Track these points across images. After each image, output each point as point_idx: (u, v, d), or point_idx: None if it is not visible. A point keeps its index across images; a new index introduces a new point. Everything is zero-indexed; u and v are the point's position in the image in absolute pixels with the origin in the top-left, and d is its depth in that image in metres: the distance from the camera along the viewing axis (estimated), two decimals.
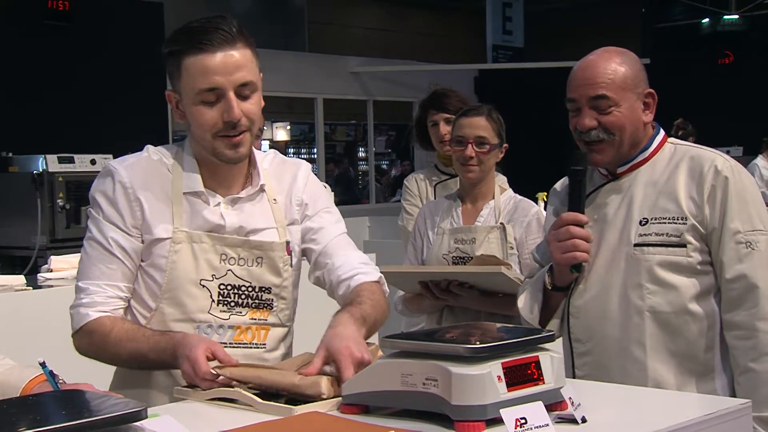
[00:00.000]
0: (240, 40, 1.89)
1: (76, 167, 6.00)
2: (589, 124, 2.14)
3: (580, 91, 2.15)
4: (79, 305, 1.95)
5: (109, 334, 1.89)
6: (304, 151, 15.29)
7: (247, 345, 1.97)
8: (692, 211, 2.10)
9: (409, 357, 1.50)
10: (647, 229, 2.13)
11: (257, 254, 1.97)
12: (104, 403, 1.49)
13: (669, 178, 2.15)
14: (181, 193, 1.96)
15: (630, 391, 1.85)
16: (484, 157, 2.97)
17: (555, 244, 2.16)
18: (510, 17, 14.33)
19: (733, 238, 2.08)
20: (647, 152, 2.21)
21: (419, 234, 3.12)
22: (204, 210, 1.96)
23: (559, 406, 1.51)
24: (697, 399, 1.86)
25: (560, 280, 2.20)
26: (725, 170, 2.11)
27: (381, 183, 14.65)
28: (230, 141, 1.91)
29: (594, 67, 2.15)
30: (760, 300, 2.06)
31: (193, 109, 1.90)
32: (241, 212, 1.99)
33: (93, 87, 8.25)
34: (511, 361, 1.46)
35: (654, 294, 2.10)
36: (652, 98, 2.20)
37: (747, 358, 2.06)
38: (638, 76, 2.17)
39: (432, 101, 3.68)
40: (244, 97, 1.90)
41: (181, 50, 1.88)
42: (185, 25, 1.92)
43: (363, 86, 13.25)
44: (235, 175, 2.00)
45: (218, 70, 1.86)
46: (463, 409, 1.41)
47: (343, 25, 13.90)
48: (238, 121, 1.89)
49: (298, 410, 1.59)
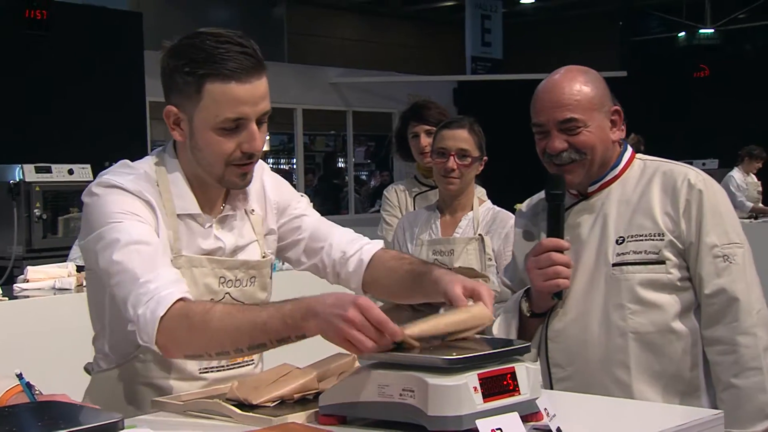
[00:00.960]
0: (263, 67, 1.80)
1: (53, 177, 5.96)
2: (560, 147, 2.10)
3: (547, 115, 2.11)
4: (155, 293, 1.66)
5: (212, 309, 1.64)
6: (283, 161, 15.28)
7: (241, 364, 1.93)
8: (668, 226, 2.08)
9: (385, 368, 1.51)
10: (624, 248, 2.09)
11: (252, 274, 1.92)
12: (80, 415, 1.48)
13: (642, 195, 2.13)
14: (176, 215, 1.85)
15: (604, 402, 1.86)
16: (465, 170, 2.99)
17: (536, 271, 2.10)
18: (489, 29, 14.41)
19: (710, 252, 2.06)
20: (617, 170, 2.18)
21: (398, 245, 3.13)
22: (200, 232, 1.87)
23: (534, 417, 1.52)
24: (670, 409, 1.87)
25: (539, 306, 2.16)
26: (698, 184, 2.09)
27: (360, 194, 14.66)
28: (242, 170, 1.83)
29: (559, 89, 2.11)
30: (740, 314, 2.04)
31: (209, 135, 1.79)
32: (231, 231, 1.92)
33: (71, 96, 8.21)
34: (487, 372, 1.47)
35: (636, 314, 2.07)
36: (619, 115, 2.17)
37: (729, 374, 2.03)
38: (603, 94, 2.14)
39: (413, 113, 3.70)
40: (260, 125, 1.81)
41: (204, 74, 1.75)
42: (197, 39, 1.78)
43: (342, 97, 13.27)
44: (219, 194, 1.92)
45: (246, 100, 1.76)
46: (440, 420, 1.42)
47: (323, 36, 13.93)
48: (257, 152, 1.82)
49: (276, 420, 1.60)
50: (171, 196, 1.85)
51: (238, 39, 1.78)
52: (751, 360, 2.03)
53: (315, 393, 1.71)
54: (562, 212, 2.13)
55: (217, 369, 1.90)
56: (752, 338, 2.03)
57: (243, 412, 1.65)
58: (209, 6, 12.66)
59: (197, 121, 1.79)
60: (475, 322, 1.64)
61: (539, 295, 2.13)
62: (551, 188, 2.12)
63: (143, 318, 1.67)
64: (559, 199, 2.12)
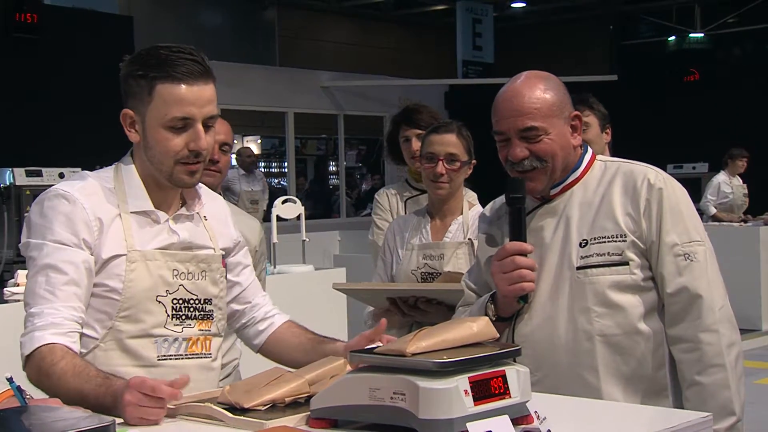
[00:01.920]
0: (210, 75, 2.00)
1: (43, 180, 5.93)
2: (521, 155, 2.10)
3: (507, 124, 2.12)
4: (32, 330, 1.90)
5: (57, 364, 1.84)
6: (274, 164, 15.28)
7: (198, 355, 2.05)
8: (630, 227, 2.08)
9: (376, 371, 1.52)
10: (588, 251, 2.09)
11: (202, 267, 2.06)
12: (72, 419, 1.49)
13: (604, 197, 2.13)
14: (129, 213, 2.01)
15: (595, 404, 1.87)
16: (454, 174, 3.00)
17: (500, 275, 2.10)
18: (480, 33, 14.44)
19: (671, 251, 2.07)
20: (578, 172, 2.18)
21: (389, 250, 3.14)
22: (153, 228, 2.03)
23: (525, 420, 1.53)
24: (660, 413, 1.87)
25: (505, 310, 2.16)
26: (658, 183, 2.10)
27: (351, 197, 14.66)
28: (189, 168, 2.00)
29: (519, 97, 2.11)
30: (702, 311, 2.04)
31: (159, 133, 1.98)
32: (186, 228, 2.08)
33: (61, 100, 8.20)
34: (477, 375, 1.47)
35: (602, 317, 2.07)
36: (579, 120, 2.17)
37: (693, 371, 2.04)
38: (563, 100, 2.14)
39: (404, 116, 3.70)
40: (207, 128, 2.00)
41: (155, 76, 1.95)
42: (152, 49, 2.00)
43: (333, 100, 13.28)
44: (174, 196, 2.08)
45: (192, 101, 1.96)
46: (430, 423, 1.43)
47: (314, 40, 13.93)
48: (202, 150, 1.99)
49: (268, 424, 1.60)
50: (126, 197, 2.02)
51: (189, 49, 1.99)
52: (714, 357, 2.04)
53: (306, 396, 1.71)
54: (524, 216, 2.13)
55: (175, 357, 2.01)
56: (715, 335, 2.04)
57: (234, 416, 1.65)
58: (200, 9, 12.64)
59: (149, 120, 1.99)
60: (480, 339, 1.62)
61: (505, 299, 2.13)
62: (512, 191, 2.12)
63: (21, 345, 1.91)
64: (520, 203, 2.12)
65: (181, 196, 2.10)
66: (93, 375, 1.82)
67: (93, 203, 1.98)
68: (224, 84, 11.90)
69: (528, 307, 2.14)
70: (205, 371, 2.05)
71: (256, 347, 2.25)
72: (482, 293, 2.26)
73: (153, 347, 1.98)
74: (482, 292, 2.27)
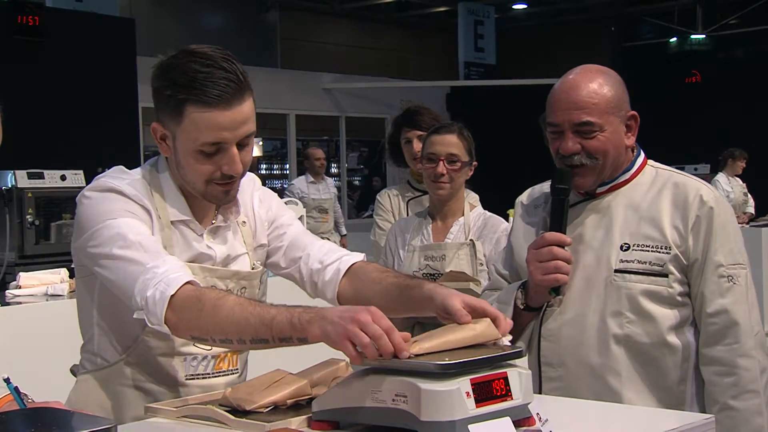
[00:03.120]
0: (246, 89, 1.79)
1: (45, 183, 5.95)
2: (572, 149, 2.07)
3: (563, 116, 2.07)
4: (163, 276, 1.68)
5: (225, 297, 1.66)
6: (276, 167, 15.27)
7: (226, 372, 1.95)
8: (676, 240, 2.06)
9: (378, 373, 1.51)
10: (629, 255, 2.07)
11: (243, 284, 1.94)
12: (73, 421, 1.48)
13: (652, 204, 2.10)
14: (169, 222, 1.87)
15: (595, 406, 1.87)
16: (455, 175, 3.00)
17: (536, 264, 2.07)
18: (482, 34, 14.44)
19: (716, 271, 2.05)
20: (628, 174, 2.15)
21: (390, 251, 3.14)
22: (193, 240, 1.90)
23: (526, 422, 1.53)
24: (661, 414, 1.87)
25: (535, 300, 2.14)
26: (710, 201, 2.07)
27: (353, 199, 14.66)
28: (224, 188, 1.85)
29: (577, 90, 2.07)
30: (741, 336, 2.03)
31: (190, 156, 1.81)
32: (224, 242, 1.95)
33: (63, 102, 8.20)
34: (479, 377, 1.47)
35: (633, 323, 2.06)
36: (635, 120, 2.14)
37: (727, 395, 2.02)
38: (621, 98, 2.11)
39: (405, 118, 3.70)
40: (243, 146, 1.83)
41: (186, 99, 1.76)
42: (182, 61, 1.78)
43: (335, 102, 13.28)
44: (211, 206, 1.94)
45: (226, 126, 1.77)
46: (432, 425, 1.42)
47: (316, 42, 13.94)
48: (237, 174, 1.84)
49: (270, 426, 1.60)
50: (165, 204, 1.87)
51: (222, 62, 1.77)
52: (750, 383, 2.03)
53: (308, 399, 1.71)
54: (566, 207, 2.11)
55: (202, 376, 1.91)
56: (752, 361, 2.03)
57: (236, 418, 1.65)
58: (202, 12, 12.66)
59: (179, 141, 1.82)
60: (482, 341, 1.60)
61: (537, 288, 2.11)
62: (558, 182, 2.10)
63: (152, 299, 1.68)
64: (564, 194, 2.10)
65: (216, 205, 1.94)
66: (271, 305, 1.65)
67: (143, 200, 1.84)
68: None
69: (558, 302, 2.12)
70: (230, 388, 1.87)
71: (334, 300, 1.97)
72: (512, 280, 2.24)
73: (182, 365, 1.88)
74: (513, 278, 2.25)
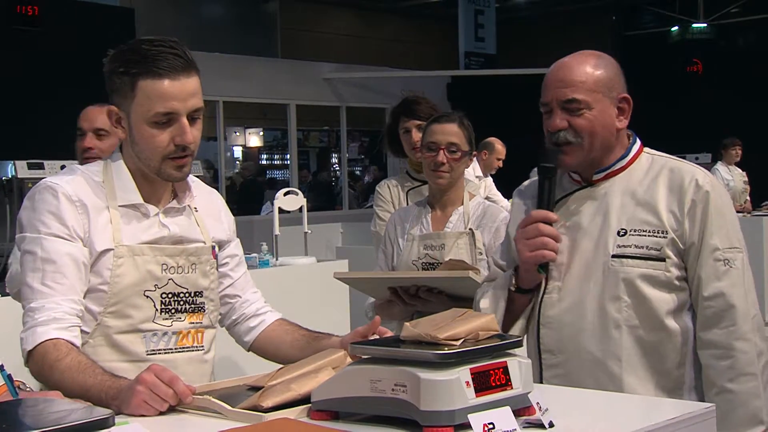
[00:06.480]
0: (193, 67, 1.97)
1: (45, 173, 5.94)
2: (559, 125, 2.10)
3: (552, 94, 2.12)
4: (34, 325, 1.88)
5: (62, 360, 1.83)
6: (277, 157, 15.26)
7: (189, 348, 2.06)
8: (672, 225, 2.08)
9: (378, 363, 1.51)
10: (626, 241, 2.09)
11: (192, 260, 2.06)
12: (71, 411, 1.48)
13: (648, 190, 2.12)
14: (117, 207, 2.00)
15: (595, 395, 1.87)
16: (455, 164, 3.00)
17: (523, 242, 2.11)
18: (482, 24, 14.40)
19: (712, 255, 2.06)
20: (624, 161, 2.17)
21: (389, 241, 3.13)
22: (143, 222, 2.02)
23: (526, 411, 1.52)
24: (662, 403, 1.87)
25: (526, 281, 2.16)
26: (706, 185, 2.08)
27: (355, 189, 14.66)
28: (177, 162, 1.99)
29: (567, 70, 2.12)
30: (737, 319, 2.04)
31: (144, 129, 1.96)
32: (177, 222, 2.07)
33: (62, 92, 8.18)
34: (479, 366, 1.47)
35: (631, 308, 2.07)
36: (627, 103, 2.15)
37: (724, 378, 2.03)
38: (613, 80, 2.13)
39: (403, 108, 3.69)
40: (193, 121, 1.98)
41: (137, 73, 1.93)
42: (133, 44, 1.97)
43: (336, 92, 13.25)
44: (166, 189, 2.07)
45: (175, 95, 1.93)
46: (432, 415, 1.42)
47: (316, 32, 13.90)
48: (189, 144, 1.97)
49: (268, 417, 1.59)
50: (114, 190, 2.01)
51: (170, 42, 1.96)
52: (746, 365, 2.04)
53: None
54: (554, 186, 2.14)
55: (164, 351, 2.01)
56: (748, 344, 2.04)
57: (234, 409, 1.65)
58: (201, 1, 12.62)
59: (133, 117, 1.97)
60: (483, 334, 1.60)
61: (525, 266, 2.14)
62: (543, 161, 2.13)
63: (22, 341, 1.90)
64: (550, 173, 2.13)
65: (172, 189, 2.09)
66: (98, 372, 1.80)
67: (81, 196, 1.98)
68: (226, 76, 11.91)
69: (557, 289, 2.14)
70: (197, 364, 2.06)
71: (247, 345, 2.22)
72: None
73: (141, 342, 1.99)
74: (510, 269, 2.26)
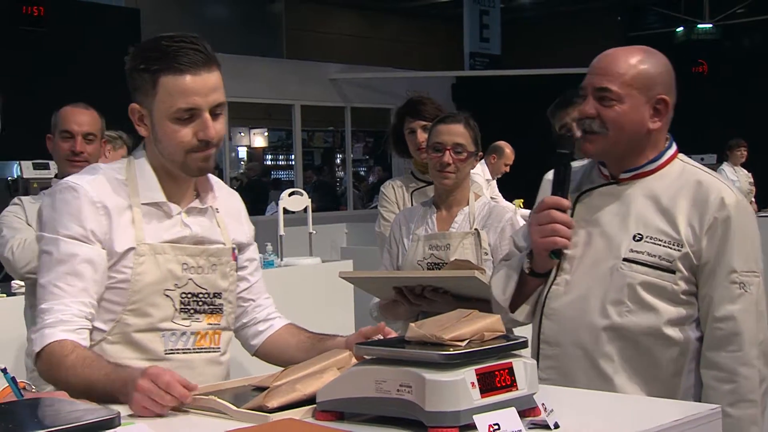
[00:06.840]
0: (214, 62, 1.97)
1: (51, 173, 5.95)
2: (588, 111, 2.08)
3: (588, 80, 2.11)
4: (42, 327, 1.90)
5: (68, 357, 1.84)
6: (281, 157, 15.27)
7: (207, 349, 2.05)
8: (689, 239, 2.04)
9: (383, 363, 1.51)
10: (640, 246, 2.06)
11: (213, 261, 2.06)
12: (77, 411, 1.49)
13: (672, 199, 2.08)
14: (140, 205, 2.00)
15: (600, 397, 1.86)
16: (461, 164, 2.99)
17: (535, 227, 2.11)
18: (487, 25, 14.39)
19: (728, 276, 2.03)
20: (655, 164, 2.13)
21: (395, 241, 3.13)
22: (165, 221, 2.02)
23: (532, 412, 1.52)
24: (666, 405, 1.86)
25: (539, 265, 2.15)
26: (731, 204, 2.04)
27: (359, 189, 14.66)
28: (201, 154, 1.98)
29: (610, 59, 2.10)
30: (744, 344, 2.01)
31: (167, 126, 1.97)
32: (199, 222, 2.07)
33: (67, 93, 8.19)
34: (484, 367, 1.47)
35: (633, 313, 2.05)
36: (665, 105, 2.12)
37: (724, 402, 1.98)
38: (655, 78, 2.10)
39: (408, 109, 3.69)
40: (215, 116, 1.98)
41: (158, 69, 1.94)
42: (154, 41, 1.98)
43: (341, 93, 13.26)
44: (188, 187, 2.08)
45: (197, 91, 1.94)
46: (437, 416, 1.42)
47: (321, 32, 13.91)
48: (212, 139, 1.98)
49: (273, 417, 1.60)
50: (137, 188, 2.01)
51: (190, 38, 1.97)
52: (749, 392, 2.02)
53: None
54: (569, 172, 2.13)
55: (182, 351, 2.01)
56: (753, 370, 2.02)
57: (239, 409, 1.65)
58: (207, 1, 12.63)
59: (155, 113, 1.97)
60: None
61: (538, 251, 2.13)
62: (559, 147, 2.13)
63: (32, 342, 1.91)
64: (565, 159, 2.12)
65: (195, 188, 2.09)
66: (103, 365, 1.81)
67: (103, 195, 1.97)
68: (231, 76, 11.85)
69: (564, 282, 2.13)
70: (213, 365, 2.06)
71: (253, 348, 2.23)
72: None
73: (160, 341, 1.99)
74: None
